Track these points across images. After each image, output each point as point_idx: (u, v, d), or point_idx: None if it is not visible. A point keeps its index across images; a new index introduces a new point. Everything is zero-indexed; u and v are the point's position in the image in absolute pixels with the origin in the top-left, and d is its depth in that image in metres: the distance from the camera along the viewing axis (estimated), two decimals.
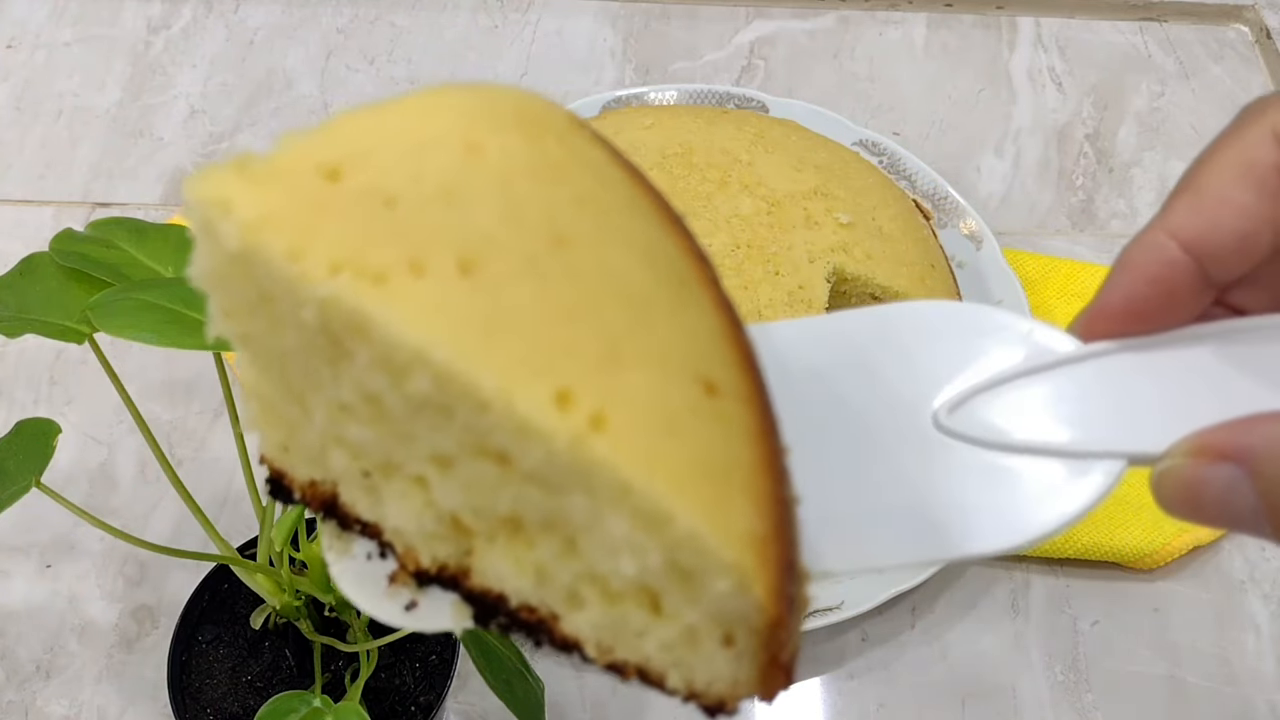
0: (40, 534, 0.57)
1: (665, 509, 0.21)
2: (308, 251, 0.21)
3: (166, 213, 0.69)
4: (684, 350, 0.23)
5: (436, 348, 0.21)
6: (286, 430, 0.26)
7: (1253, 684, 0.55)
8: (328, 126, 0.24)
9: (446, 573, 0.27)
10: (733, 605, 0.22)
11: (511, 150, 0.24)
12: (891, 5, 0.83)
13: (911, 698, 0.54)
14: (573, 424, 0.21)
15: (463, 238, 0.22)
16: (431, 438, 0.23)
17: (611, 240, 0.24)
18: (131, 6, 0.80)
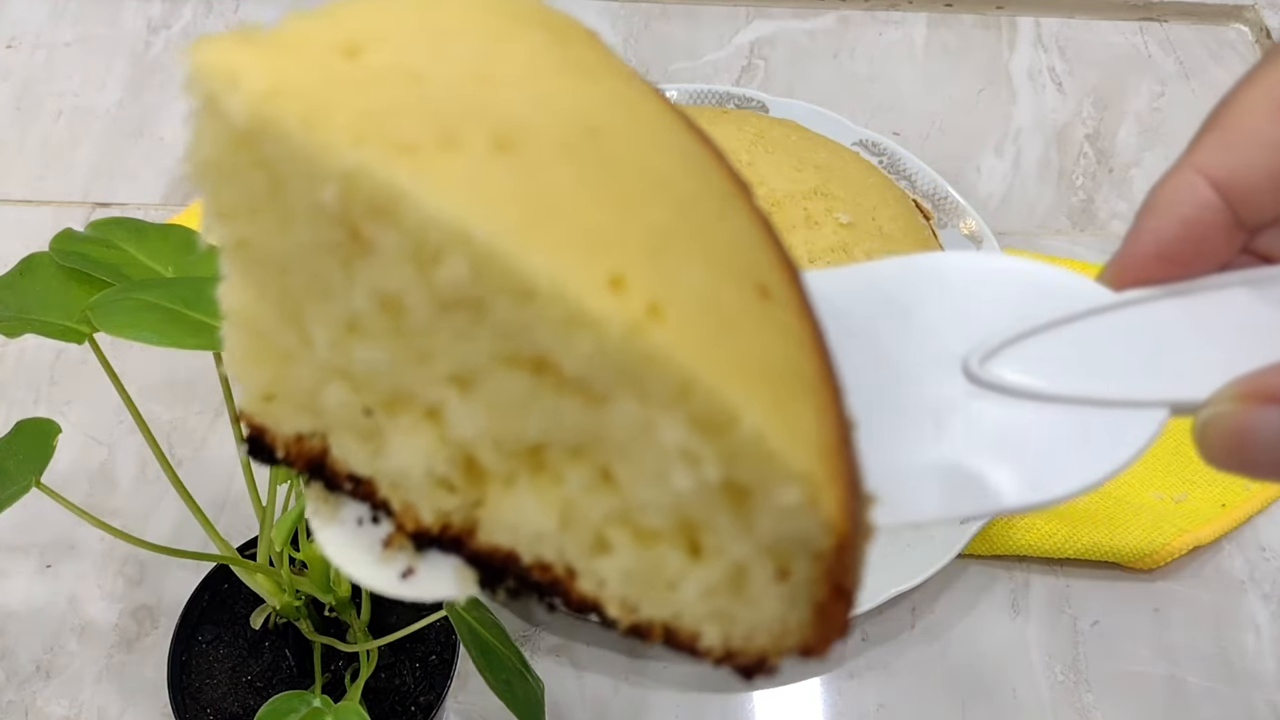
0: (40, 534, 0.57)
1: (730, 408, 0.19)
2: (328, 121, 0.19)
3: (166, 213, 0.69)
4: (733, 251, 0.22)
5: (477, 224, 0.19)
6: (276, 367, 0.24)
7: (1253, 684, 0.55)
8: (332, 8, 0.21)
9: (450, 531, 0.24)
10: (796, 524, 0.20)
11: (538, 45, 0.22)
12: (891, 5, 0.83)
13: (911, 698, 0.54)
14: (629, 311, 0.19)
15: (496, 117, 0.20)
16: (456, 348, 0.21)
17: (649, 139, 0.22)
18: (131, 6, 0.80)
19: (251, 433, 0.25)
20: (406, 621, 0.45)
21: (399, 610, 0.47)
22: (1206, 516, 0.57)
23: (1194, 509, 0.58)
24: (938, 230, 0.67)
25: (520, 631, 0.55)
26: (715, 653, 0.23)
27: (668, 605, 0.23)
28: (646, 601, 0.23)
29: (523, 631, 0.55)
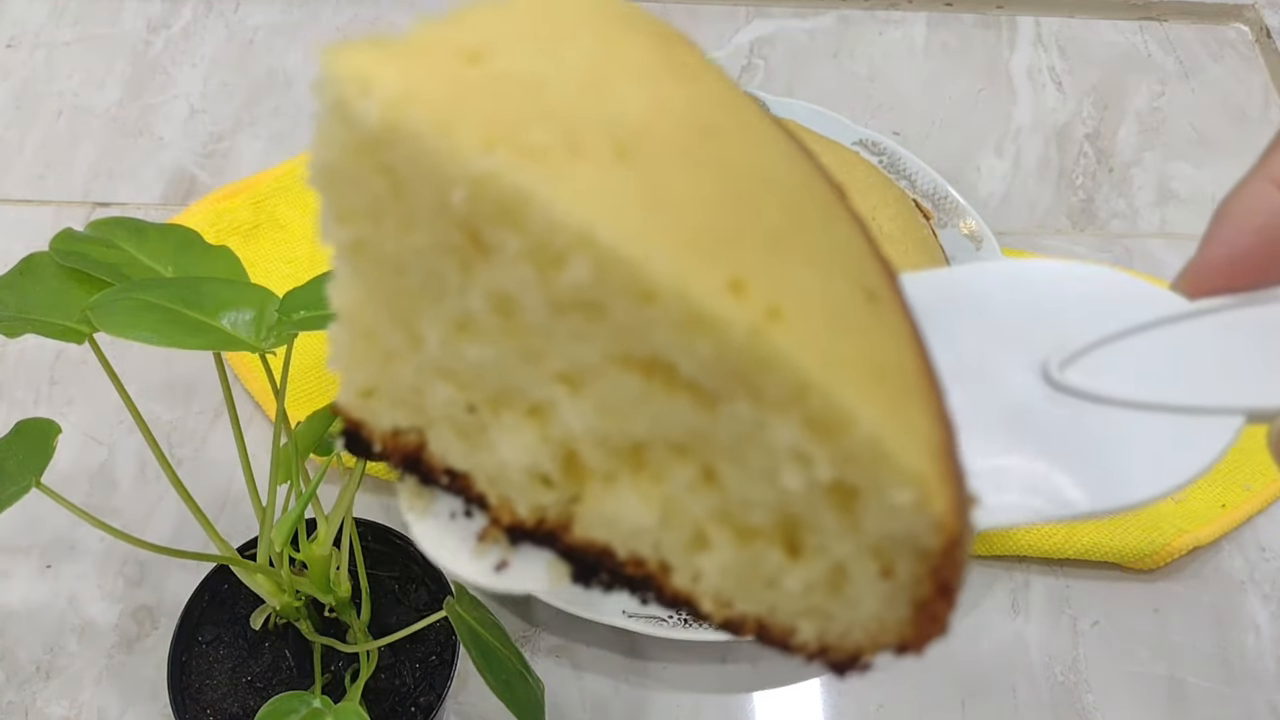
0: (40, 534, 0.57)
1: (846, 410, 0.19)
2: (458, 127, 0.19)
3: (166, 212, 0.68)
4: (840, 254, 0.22)
5: (602, 229, 0.19)
6: (380, 365, 0.24)
7: (1253, 684, 0.55)
8: (456, 17, 0.22)
9: (545, 526, 0.24)
10: (906, 524, 0.20)
11: (645, 48, 0.23)
12: (891, 5, 0.83)
13: (911, 698, 0.54)
14: (750, 314, 0.19)
15: (615, 123, 0.20)
16: (569, 348, 0.21)
17: (756, 141, 0.23)
18: (131, 6, 0.80)
19: (348, 427, 0.26)
20: (406, 622, 0.45)
21: (399, 611, 0.47)
22: (1206, 517, 0.57)
23: (1193, 509, 0.58)
24: (937, 230, 0.67)
25: (520, 632, 0.55)
26: (809, 648, 0.23)
27: (763, 601, 0.23)
28: (741, 597, 0.23)
29: (523, 632, 0.55)
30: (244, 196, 0.68)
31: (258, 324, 0.36)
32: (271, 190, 0.69)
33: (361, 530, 0.48)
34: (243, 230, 0.67)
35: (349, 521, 0.42)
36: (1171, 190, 0.74)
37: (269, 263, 0.66)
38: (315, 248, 0.67)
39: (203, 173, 0.71)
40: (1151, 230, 0.71)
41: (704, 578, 0.23)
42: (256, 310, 0.37)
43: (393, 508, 0.58)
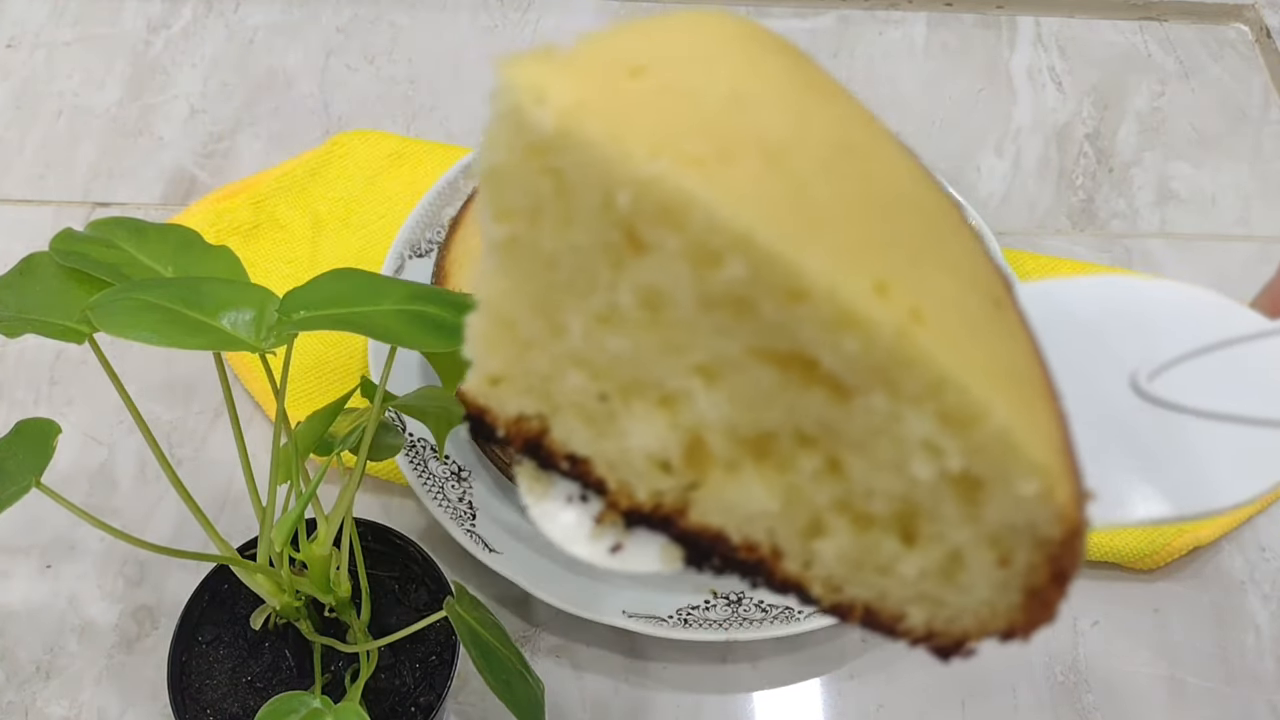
0: (40, 534, 0.57)
1: (981, 406, 0.21)
2: (626, 135, 0.21)
3: (166, 212, 0.69)
4: (969, 263, 0.24)
5: (761, 232, 0.20)
6: (515, 354, 0.26)
7: (1253, 684, 0.55)
8: (611, 33, 0.24)
9: (661, 510, 0.26)
10: (1029, 514, 0.22)
11: (784, 67, 0.24)
12: (891, 5, 0.83)
13: (911, 698, 0.54)
14: (896, 314, 0.21)
15: (763, 135, 0.22)
16: (713, 341, 0.23)
17: (889, 157, 0.24)
18: (131, 6, 0.80)
19: (472, 413, 0.27)
20: (406, 622, 0.45)
21: (399, 611, 0.47)
22: None
23: None
24: None
25: (520, 632, 0.55)
26: (916, 633, 0.25)
27: (874, 587, 0.25)
28: (852, 583, 0.25)
29: (523, 632, 0.55)
30: (244, 196, 0.68)
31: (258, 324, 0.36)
32: (271, 190, 0.69)
33: (361, 530, 0.48)
34: (243, 230, 0.67)
35: (349, 521, 0.42)
36: (1171, 190, 0.74)
37: (269, 263, 0.66)
38: (315, 248, 0.67)
39: (203, 173, 0.71)
40: (1151, 230, 0.71)
41: (817, 563, 0.25)
42: (256, 310, 0.37)
43: (393, 507, 0.58)
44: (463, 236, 0.58)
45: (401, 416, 0.57)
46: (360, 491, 0.58)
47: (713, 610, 0.53)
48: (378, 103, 0.75)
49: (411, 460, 0.56)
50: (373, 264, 0.65)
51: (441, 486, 0.55)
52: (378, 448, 0.44)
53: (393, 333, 0.36)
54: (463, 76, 0.77)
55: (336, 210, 0.68)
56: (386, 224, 0.68)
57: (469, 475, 0.57)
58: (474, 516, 0.55)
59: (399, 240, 0.63)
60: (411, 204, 0.67)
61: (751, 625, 0.52)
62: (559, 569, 0.54)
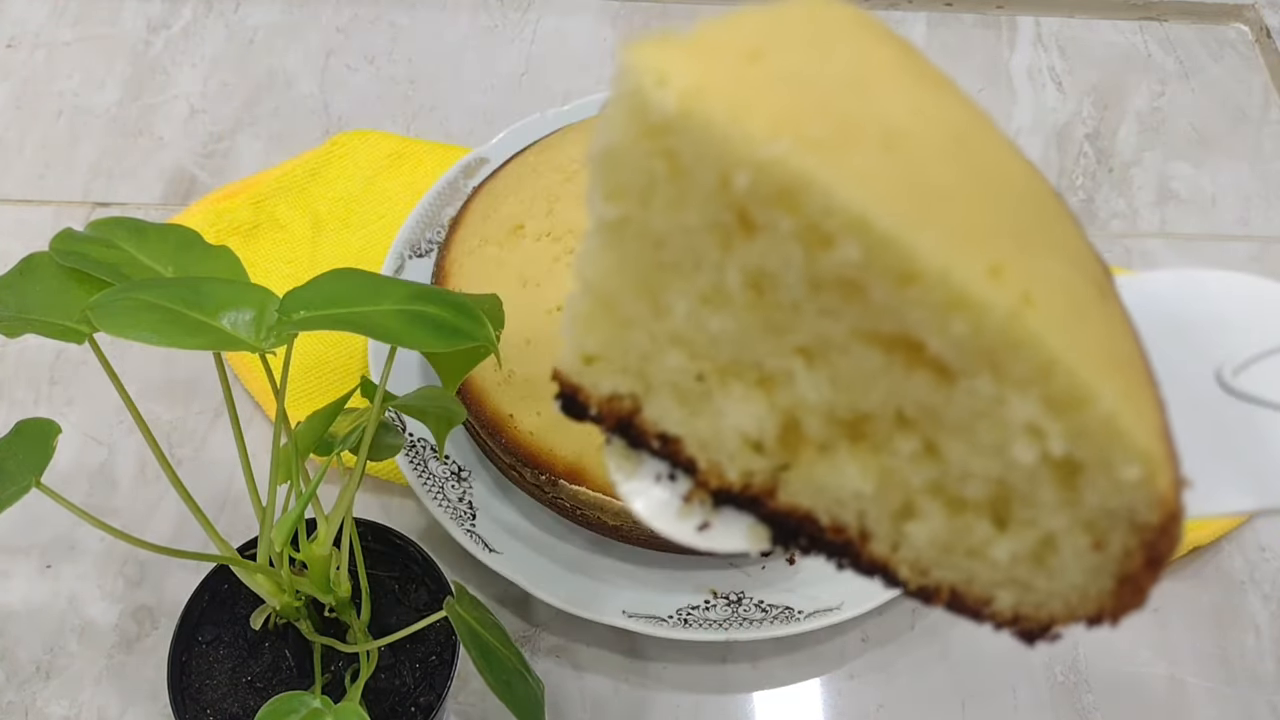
0: (40, 534, 0.57)
1: (1090, 389, 0.21)
2: (748, 117, 0.21)
3: (166, 212, 0.69)
4: (1074, 250, 0.24)
5: (878, 214, 0.21)
6: (613, 333, 0.26)
7: (1253, 684, 0.55)
8: (729, 20, 0.24)
9: (750, 490, 0.26)
10: (1127, 499, 0.22)
11: (895, 56, 0.25)
12: (891, 5, 0.83)
13: (911, 698, 0.54)
14: (1008, 298, 0.21)
15: (880, 121, 0.22)
16: (817, 323, 0.23)
17: (998, 146, 0.25)
18: (131, 6, 0.80)
19: (565, 391, 0.28)
20: (406, 622, 0.45)
21: (399, 611, 0.47)
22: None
23: None
24: None
25: (520, 632, 0.55)
26: (1002, 617, 0.25)
27: (963, 570, 0.25)
28: (941, 566, 0.25)
29: (523, 632, 0.55)
30: (244, 196, 0.68)
31: (258, 324, 0.36)
32: (271, 190, 0.69)
33: (361, 530, 0.48)
34: (243, 230, 0.67)
35: (349, 521, 0.42)
36: (1171, 190, 0.74)
37: (269, 263, 0.66)
38: (315, 248, 0.67)
39: (203, 173, 0.71)
40: (1151, 230, 0.71)
41: (906, 546, 0.25)
42: (256, 310, 0.37)
43: (393, 507, 0.58)
44: (462, 237, 0.58)
45: (401, 416, 0.57)
46: (360, 491, 0.58)
47: (713, 610, 0.53)
48: (378, 103, 0.75)
49: (411, 460, 0.56)
50: (373, 264, 0.65)
51: (441, 486, 0.55)
52: (378, 448, 0.44)
53: (393, 333, 0.36)
54: (463, 76, 0.77)
55: (336, 210, 0.68)
56: (386, 224, 0.68)
57: (469, 475, 0.57)
58: (474, 516, 0.55)
59: (399, 240, 0.63)
60: (411, 204, 0.67)
61: (751, 625, 0.52)
62: (559, 569, 0.54)
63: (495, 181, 0.60)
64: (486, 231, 0.57)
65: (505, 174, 0.60)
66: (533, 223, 0.55)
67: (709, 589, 0.54)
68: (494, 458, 0.55)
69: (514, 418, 0.52)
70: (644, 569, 0.55)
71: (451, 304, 0.38)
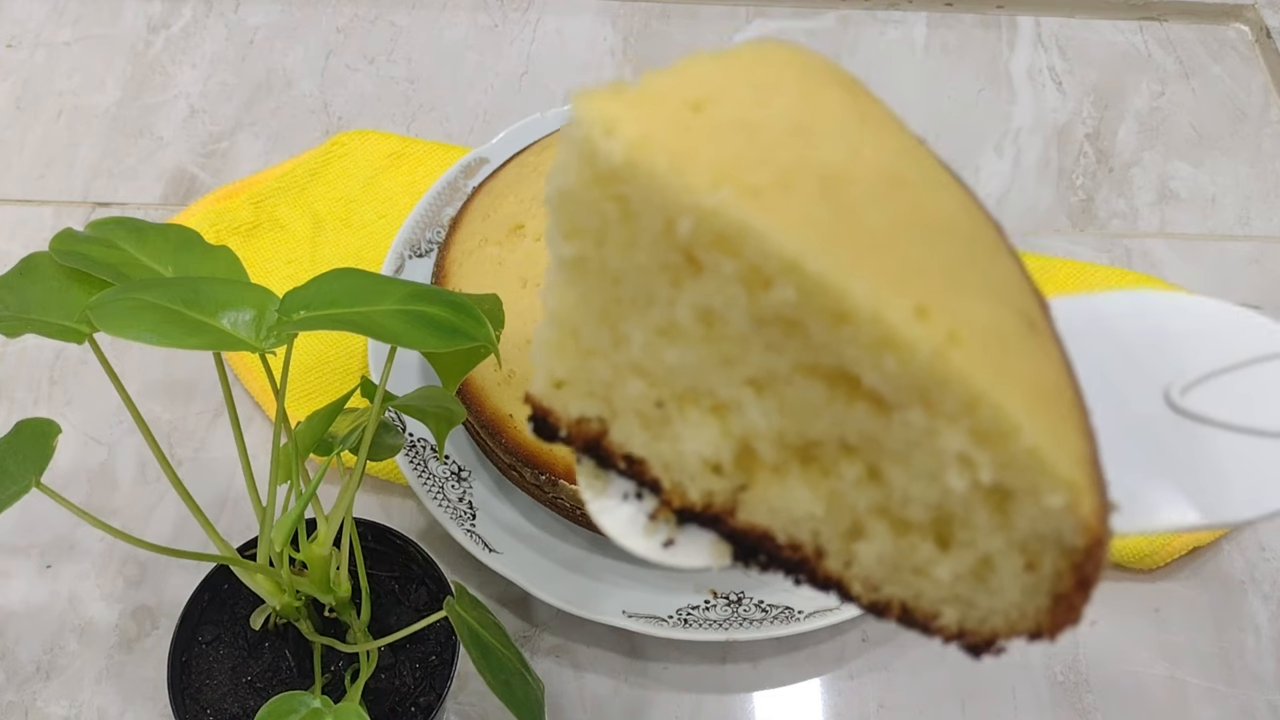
0: (40, 534, 0.57)
1: (1013, 423, 0.22)
2: (689, 168, 0.23)
3: (166, 212, 0.69)
4: (1005, 286, 0.25)
5: (812, 259, 0.22)
6: (578, 361, 0.27)
7: (1253, 684, 0.55)
8: (677, 69, 0.25)
9: (711, 509, 0.27)
10: (1055, 525, 0.23)
11: (838, 100, 0.26)
12: (891, 5, 0.83)
13: (911, 698, 0.54)
14: (934, 336, 0.22)
15: (818, 166, 0.23)
16: (764, 357, 0.24)
17: (937, 187, 0.26)
18: (131, 6, 0.80)
19: (537, 414, 0.29)
20: (406, 622, 0.45)
21: (399, 611, 0.47)
22: None
23: None
24: None
25: (520, 632, 0.55)
26: (948, 631, 0.26)
27: (910, 587, 0.26)
28: (890, 583, 0.26)
29: (523, 632, 0.55)
30: (244, 196, 0.68)
31: (258, 324, 0.36)
32: (271, 190, 0.69)
33: (361, 530, 0.48)
34: (243, 230, 0.67)
35: (349, 521, 0.42)
36: (1171, 190, 0.74)
37: (269, 263, 0.66)
38: (315, 248, 0.67)
39: (203, 173, 0.71)
40: (1151, 230, 0.71)
41: (857, 564, 0.26)
42: (256, 310, 0.37)
43: (393, 507, 0.58)
44: (462, 237, 0.58)
45: (401, 416, 0.57)
46: (360, 491, 0.58)
47: (713, 610, 0.53)
48: (378, 103, 0.75)
49: (411, 460, 0.56)
50: (373, 264, 0.65)
51: (441, 486, 0.55)
52: (378, 448, 0.44)
53: (393, 333, 0.36)
54: (463, 76, 0.77)
55: (336, 210, 0.68)
56: (386, 224, 0.68)
57: (469, 475, 0.57)
58: (474, 516, 0.55)
59: (399, 240, 0.63)
60: (411, 204, 0.67)
61: (751, 625, 0.52)
62: (559, 569, 0.54)
63: (495, 181, 0.60)
64: (486, 231, 0.57)
65: (505, 174, 0.60)
66: (533, 223, 0.55)
67: (709, 589, 0.54)
68: (494, 458, 0.55)
69: (514, 418, 0.52)
70: (644, 569, 0.55)
71: (451, 304, 0.38)
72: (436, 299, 0.38)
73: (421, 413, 0.44)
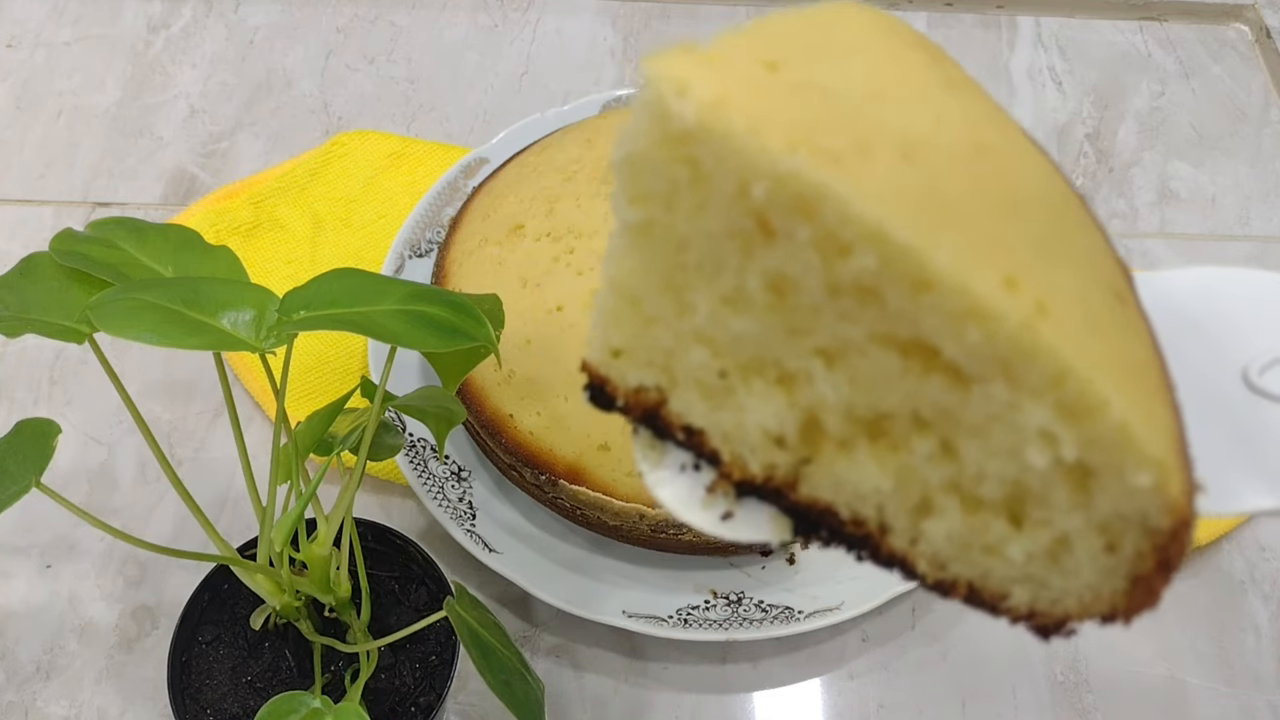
0: (40, 534, 0.57)
1: (1101, 398, 0.21)
2: (765, 130, 0.22)
3: (166, 212, 0.69)
4: (1095, 260, 0.24)
5: (895, 226, 0.21)
6: (638, 329, 0.27)
7: (1253, 684, 0.55)
8: (752, 29, 0.24)
9: (773, 483, 0.27)
10: (1139, 505, 0.22)
11: (921, 64, 0.25)
12: (891, 4, 0.83)
13: (911, 698, 0.54)
14: (1022, 308, 0.21)
15: (899, 131, 0.23)
16: (837, 326, 0.24)
17: (1021, 155, 0.25)
18: (131, 6, 0.80)
19: (594, 382, 0.29)
20: (406, 622, 0.45)
21: (399, 611, 0.47)
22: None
23: None
24: None
25: (520, 632, 0.55)
26: (1018, 612, 0.26)
27: (979, 566, 0.25)
28: (958, 561, 0.26)
29: (523, 632, 0.55)
30: (244, 196, 0.68)
31: (258, 324, 0.36)
32: (271, 190, 0.69)
33: (361, 530, 0.48)
34: (243, 230, 0.67)
35: (349, 521, 0.42)
36: (1171, 190, 0.74)
37: (269, 263, 0.66)
38: (315, 248, 0.67)
39: (203, 173, 0.71)
40: (1151, 230, 0.71)
41: (925, 541, 0.26)
42: (256, 310, 0.37)
43: (393, 507, 0.58)
44: (462, 237, 0.58)
45: (401, 416, 0.57)
46: (360, 491, 0.58)
47: (713, 610, 0.53)
48: (378, 103, 0.75)
49: (411, 460, 0.56)
50: (373, 264, 0.65)
51: (441, 486, 0.55)
52: (378, 448, 0.44)
53: (393, 333, 0.36)
54: (463, 76, 0.77)
55: (336, 210, 0.68)
56: (386, 224, 0.68)
57: (469, 475, 0.57)
58: (474, 516, 0.55)
59: (399, 240, 0.63)
60: (411, 204, 0.67)
61: (751, 625, 0.52)
62: (559, 569, 0.54)
63: (495, 181, 0.60)
64: (486, 231, 0.57)
65: (505, 174, 0.60)
66: (533, 223, 0.55)
67: (709, 589, 0.54)
68: (494, 458, 0.55)
69: (514, 418, 0.52)
70: (644, 569, 0.55)
71: (451, 304, 0.38)
72: (436, 299, 0.38)
73: (421, 413, 0.44)
